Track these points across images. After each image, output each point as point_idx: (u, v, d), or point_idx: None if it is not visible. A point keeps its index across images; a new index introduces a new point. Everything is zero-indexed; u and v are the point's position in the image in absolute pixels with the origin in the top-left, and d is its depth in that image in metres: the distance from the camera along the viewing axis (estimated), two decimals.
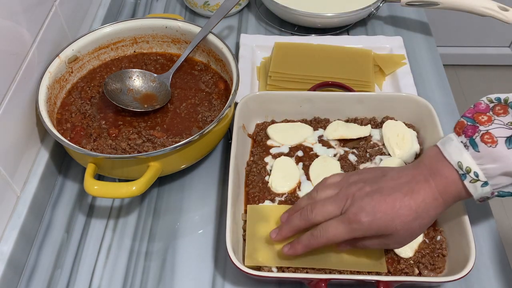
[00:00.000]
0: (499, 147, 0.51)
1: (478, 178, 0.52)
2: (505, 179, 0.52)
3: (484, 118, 0.54)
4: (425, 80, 0.88)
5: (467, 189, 0.53)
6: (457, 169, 0.53)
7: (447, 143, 0.55)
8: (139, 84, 0.77)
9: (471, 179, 0.53)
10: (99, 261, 0.66)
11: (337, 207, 0.56)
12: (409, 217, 0.53)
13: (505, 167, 0.51)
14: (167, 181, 0.74)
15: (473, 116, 0.55)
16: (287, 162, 0.71)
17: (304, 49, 0.89)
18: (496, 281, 0.63)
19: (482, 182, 0.52)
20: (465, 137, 0.54)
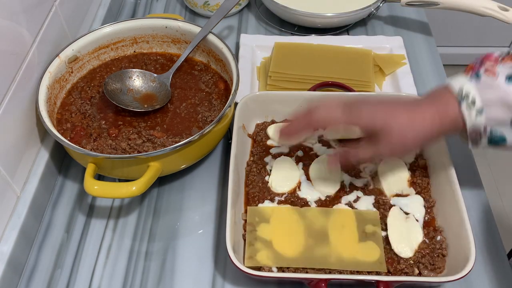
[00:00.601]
0: (500, 79, 0.54)
1: (475, 104, 0.55)
2: (500, 111, 0.54)
3: (491, 63, 0.57)
4: (425, 80, 0.88)
5: (463, 116, 0.56)
6: (457, 95, 0.56)
7: (455, 78, 0.58)
8: (139, 84, 0.77)
9: (467, 104, 0.55)
10: (99, 261, 0.66)
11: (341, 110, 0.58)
12: (404, 123, 0.57)
13: (502, 96, 0.54)
14: (167, 181, 0.74)
15: (482, 60, 0.58)
16: (287, 162, 0.71)
17: (304, 49, 0.89)
18: (496, 281, 0.63)
19: (478, 110, 0.55)
20: (471, 74, 0.57)
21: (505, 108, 0.54)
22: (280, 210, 0.66)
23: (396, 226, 0.64)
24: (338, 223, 0.64)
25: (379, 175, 0.70)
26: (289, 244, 0.62)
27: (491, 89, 0.54)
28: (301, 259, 0.61)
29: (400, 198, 0.67)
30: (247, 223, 0.65)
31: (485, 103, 0.55)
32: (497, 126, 0.56)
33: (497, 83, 0.54)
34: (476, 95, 0.55)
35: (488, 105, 0.55)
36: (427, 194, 0.68)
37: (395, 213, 0.66)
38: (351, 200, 0.67)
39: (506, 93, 0.53)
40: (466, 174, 0.74)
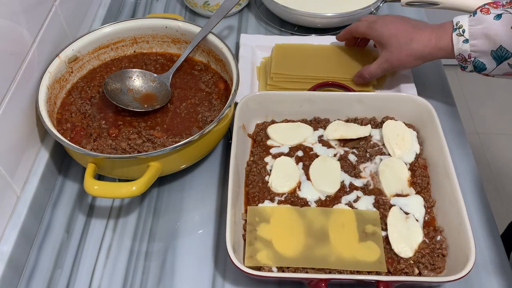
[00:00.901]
0: (489, 16, 0.67)
1: (463, 34, 0.69)
2: (483, 42, 0.68)
3: (494, 5, 0.69)
4: (425, 80, 0.88)
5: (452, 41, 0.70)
6: (454, 25, 0.70)
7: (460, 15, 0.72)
8: (139, 84, 0.77)
9: (458, 33, 0.70)
10: (99, 261, 0.66)
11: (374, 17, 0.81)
12: (404, 39, 0.74)
13: (486, 29, 0.67)
14: (167, 181, 0.74)
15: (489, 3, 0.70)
16: (287, 162, 0.71)
17: (304, 50, 0.89)
18: (496, 281, 0.63)
19: (465, 38, 0.69)
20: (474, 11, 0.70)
21: (487, 40, 0.67)
22: (280, 210, 0.66)
23: (396, 226, 0.64)
24: (338, 223, 0.64)
25: (379, 175, 0.70)
26: (289, 244, 0.62)
27: (480, 23, 0.67)
28: (301, 259, 0.61)
29: (400, 198, 0.67)
30: (247, 223, 0.65)
31: (471, 34, 0.68)
32: (480, 56, 0.69)
33: (486, 18, 0.67)
34: (466, 27, 0.69)
35: (474, 36, 0.68)
36: (427, 194, 0.68)
37: (395, 213, 0.66)
38: (351, 200, 0.67)
39: (490, 28, 0.66)
40: (466, 174, 0.74)
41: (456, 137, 0.79)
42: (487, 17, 0.67)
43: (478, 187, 0.73)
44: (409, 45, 0.73)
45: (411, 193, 0.68)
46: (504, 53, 0.66)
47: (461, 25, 0.69)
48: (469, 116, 2.04)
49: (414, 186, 0.69)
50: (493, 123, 2.01)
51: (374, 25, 0.78)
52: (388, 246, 0.63)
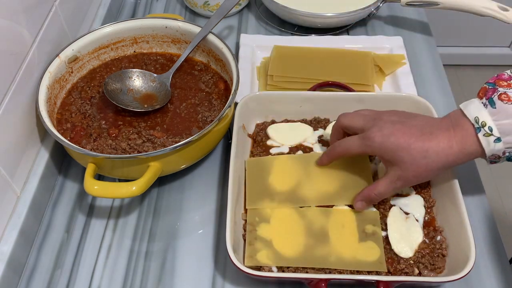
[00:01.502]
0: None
1: (492, 133, 0.55)
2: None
3: (505, 83, 0.57)
4: (425, 80, 0.88)
5: (481, 144, 0.56)
6: (474, 123, 0.57)
7: (469, 104, 0.59)
8: (139, 84, 0.77)
9: (485, 133, 0.56)
10: (99, 261, 0.66)
11: (363, 121, 0.62)
12: (418, 154, 0.57)
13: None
14: (167, 181, 0.74)
15: (495, 82, 0.58)
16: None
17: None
18: (496, 281, 0.63)
19: (495, 138, 0.55)
20: (485, 99, 0.57)
21: None
22: (280, 210, 0.66)
23: (396, 226, 0.64)
24: (338, 223, 0.64)
25: (379, 175, 0.70)
26: (289, 244, 0.63)
27: (507, 118, 0.55)
28: (301, 259, 0.61)
29: (400, 198, 0.67)
30: (247, 223, 0.65)
31: (502, 132, 0.55)
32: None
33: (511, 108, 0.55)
34: (493, 125, 0.56)
35: (505, 133, 0.55)
36: (427, 194, 0.68)
37: (395, 213, 0.66)
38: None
39: None
40: (466, 174, 0.74)
41: None
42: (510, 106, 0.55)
43: (478, 187, 0.73)
44: (426, 159, 0.58)
45: (411, 193, 0.68)
46: None
47: (484, 122, 0.56)
48: None
49: (414, 186, 0.69)
50: None
51: (369, 138, 0.60)
52: (388, 246, 0.63)
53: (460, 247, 0.60)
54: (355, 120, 0.63)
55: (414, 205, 0.66)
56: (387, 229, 0.64)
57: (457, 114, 0.59)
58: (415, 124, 0.60)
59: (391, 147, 0.58)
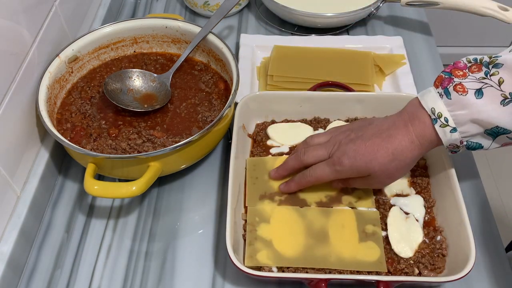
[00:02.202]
0: (469, 96, 0.55)
1: (448, 124, 0.57)
2: (473, 127, 0.56)
3: (460, 73, 0.58)
4: (425, 80, 0.88)
5: (438, 134, 0.58)
6: (430, 114, 0.58)
7: (426, 94, 0.60)
8: (139, 84, 0.77)
9: (441, 124, 0.57)
10: (99, 261, 0.66)
11: (326, 151, 0.64)
12: (385, 159, 0.60)
13: (473, 114, 0.55)
14: (167, 181, 0.74)
15: (451, 71, 0.59)
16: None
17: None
18: (496, 281, 0.63)
19: (451, 128, 0.57)
20: (441, 88, 0.58)
21: (476, 124, 0.56)
22: (280, 210, 0.66)
23: (396, 226, 0.64)
24: (338, 223, 0.64)
25: None
26: (289, 244, 0.63)
27: (462, 108, 0.56)
28: (301, 259, 0.61)
29: (400, 198, 0.67)
30: (247, 223, 0.65)
31: (457, 122, 0.57)
32: (472, 138, 0.58)
33: (467, 100, 0.56)
34: (448, 116, 0.57)
35: (461, 123, 0.57)
36: (427, 194, 0.68)
37: (395, 213, 0.66)
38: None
39: (476, 111, 0.55)
40: (466, 174, 0.74)
41: None
42: (467, 98, 0.55)
43: (478, 187, 0.73)
44: (394, 161, 0.60)
45: (411, 193, 0.68)
46: (501, 130, 0.56)
47: (440, 113, 0.57)
48: None
49: (414, 186, 0.69)
50: None
51: (339, 164, 0.61)
52: (388, 246, 0.63)
53: (460, 247, 0.60)
54: (319, 154, 0.64)
55: (414, 205, 0.66)
56: (387, 229, 0.64)
57: (414, 106, 0.61)
58: (372, 133, 0.61)
59: (361, 164, 0.60)
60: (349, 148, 0.61)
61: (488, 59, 0.58)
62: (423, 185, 0.69)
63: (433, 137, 0.59)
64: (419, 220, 0.65)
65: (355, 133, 0.63)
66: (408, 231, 0.64)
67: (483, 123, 0.56)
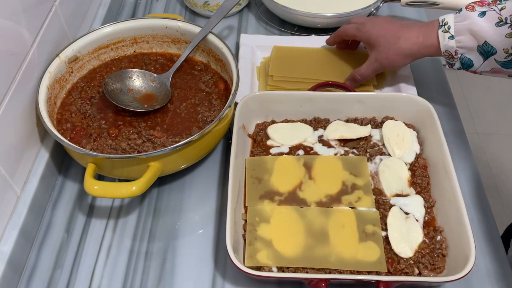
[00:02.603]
0: (474, 13, 0.68)
1: (449, 31, 0.69)
2: (467, 39, 0.68)
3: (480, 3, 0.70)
4: (425, 80, 0.88)
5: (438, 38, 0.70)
6: (440, 22, 0.71)
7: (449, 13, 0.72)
8: (139, 84, 0.77)
9: (443, 30, 0.70)
10: (99, 261, 0.66)
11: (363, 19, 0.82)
12: (392, 38, 0.74)
13: (470, 25, 0.67)
14: (167, 181, 0.74)
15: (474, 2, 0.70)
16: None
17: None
18: (496, 281, 0.63)
19: (450, 35, 0.69)
20: None
21: (472, 36, 0.68)
22: (280, 210, 0.66)
23: (396, 226, 0.64)
24: (338, 223, 0.64)
25: (379, 175, 0.70)
26: (289, 244, 0.63)
27: (464, 20, 0.68)
28: (301, 259, 0.61)
29: (400, 198, 0.67)
30: (247, 223, 0.65)
31: (457, 31, 0.69)
32: (466, 52, 0.69)
33: (471, 15, 0.68)
34: (452, 25, 0.69)
35: (459, 32, 0.69)
36: (427, 194, 0.68)
37: (395, 213, 0.66)
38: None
39: (474, 24, 0.67)
40: (466, 174, 0.74)
41: (456, 137, 0.79)
42: (472, 13, 0.67)
43: (478, 187, 0.73)
44: (397, 44, 0.73)
45: (411, 193, 0.68)
46: (489, 48, 0.67)
47: (447, 22, 0.70)
48: (469, 116, 2.04)
49: (414, 186, 0.69)
50: (493, 123, 2.01)
51: (363, 26, 0.78)
52: (388, 246, 0.63)
53: (460, 247, 0.60)
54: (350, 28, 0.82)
55: (414, 205, 0.66)
56: (387, 229, 0.64)
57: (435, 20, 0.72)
58: (401, 22, 0.76)
59: (374, 33, 0.76)
60: (377, 21, 0.78)
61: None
62: (423, 185, 0.69)
63: (434, 40, 0.71)
64: (419, 220, 0.65)
65: (385, 19, 0.79)
66: (408, 231, 0.64)
67: (476, 35, 0.67)
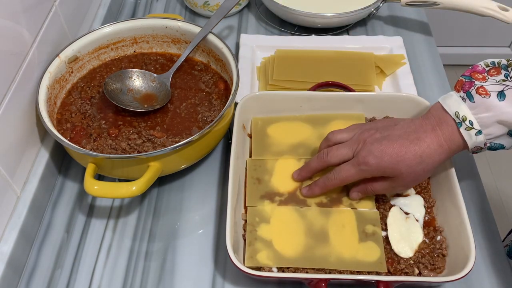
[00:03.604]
0: (492, 98, 0.56)
1: (473, 126, 0.58)
2: (497, 128, 0.57)
3: (480, 76, 0.60)
4: (425, 80, 0.88)
5: (463, 137, 0.59)
6: (454, 118, 0.59)
7: (447, 98, 0.60)
8: (139, 84, 0.77)
9: (466, 127, 0.58)
10: (99, 261, 0.66)
11: (350, 150, 0.63)
12: (413, 161, 0.59)
13: (498, 116, 0.56)
14: (167, 181, 0.74)
15: (471, 75, 0.60)
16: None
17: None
18: (496, 281, 0.63)
19: (476, 131, 0.58)
20: (463, 92, 0.59)
21: (501, 125, 0.57)
22: (280, 210, 0.66)
23: (396, 226, 0.64)
24: (338, 223, 0.64)
25: None
26: (289, 244, 0.63)
27: (486, 111, 0.57)
28: (301, 259, 0.61)
29: (400, 198, 0.67)
30: (247, 223, 0.65)
31: (482, 125, 0.57)
32: (495, 139, 0.59)
33: (490, 103, 0.56)
34: (473, 119, 0.58)
35: (486, 126, 0.57)
36: (427, 194, 0.68)
37: (395, 213, 0.66)
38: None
39: (501, 112, 0.56)
40: (466, 174, 0.74)
41: None
42: (490, 100, 0.57)
43: (478, 187, 0.73)
44: (422, 164, 0.60)
45: (411, 193, 0.68)
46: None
47: (464, 116, 0.58)
48: None
49: (414, 186, 0.69)
50: None
51: (364, 163, 0.61)
52: (388, 246, 0.63)
53: (460, 247, 0.60)
54: (343, 153, 0.63)
55: (414, 205, 0.66)
56: (387, 229, 0.64)
57: (437, 110, 0.61)
58: (399, 134, 0.60)
59: (388, 165, 0.60)
60: (375, 147, 0.60)
61: (506, 61, 0.59)
62: (423, 185, 0.69)
63: (460, 141, 0.59)
64: (419, 220, 0.65)
65: (380, 133, 0.62)
66: (408, 231, 0.64)
67: (508, 123, 0.56)
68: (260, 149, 0.72)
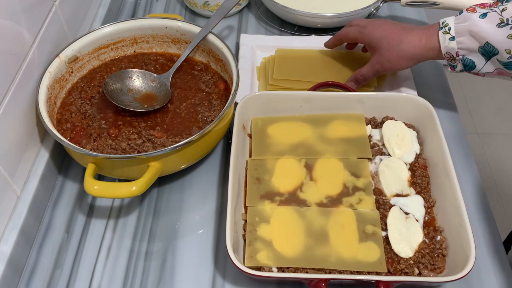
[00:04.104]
0: (475, 15, 0.67)
1: (449, 32, 0.69)
2: (469, 40, 0.68)
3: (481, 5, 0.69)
4: (425, 80, 0.88)
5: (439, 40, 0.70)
6: (440, 24, 0.71)
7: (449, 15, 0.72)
8: (139, 84, 0.77)
9: (444, 31, 0.70)
10: (99, 261, 0.66)
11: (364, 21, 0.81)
12: (394, 41, 0.74)
13: (471, 26, 0.67)
14: (167, 181, 0.74)
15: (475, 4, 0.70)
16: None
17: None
18: (496, 281, 0.63)
19: (451, 36, 0.69)
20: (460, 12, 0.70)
21: (473, 37, 0.67)
22: (280, 210, 0.66)
23: (396, 226, 0.64)
24: (338, 223, 0.64)
25: (379, 175, 0.70)
26: (289, 244, 0.63)
27: (465, 21, 0.68)
28: (301, 259, 0.61)
29: (400, 198, 0.67)
30: (247, 223, 0.65)
31: (457, 32, 0.68)
32: (467, 53, 0.69)
33: (471, 16, 0.67)
34: (452, 26, 0.69)
35: (459, 33, 0.68)
36: (427, 194, 0.68)
37: (395, 213, 0.66)
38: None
39: (475, 25, 0.66)
40: (466, 174, 0.74)
41: (456, 137, 0.79)
42: (473, 15, 0.67)
43: (478, 187, 0.73)
44: (399, 47, 0.73)
45: (411, 193, 0.68)
46: (491, 49, 0.66)
47: (447, 23, 0.69)
48: (469, 116, 2.04)
49: (414, 186, 0.69)
50: (493, 123, 2.01)
51: (364, 29, 0.77)
52: (388, 246, 0.63)
53: (460, 247, 0.60)
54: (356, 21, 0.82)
55: (414, 205, 0.66)
56: (387, 229, 0.64)
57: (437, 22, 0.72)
58: (403, 25, 0.75)
59: (376, 35, 0.76)
60: (379, 23, 0.77)
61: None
62: (423, 185, 0.69)
63: (436, 43, 0.71)
64: (419, 220, 0.65)
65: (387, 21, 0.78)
66: (408, 231, 0.64)
67: (477, 36, 0.66)
68: (260, 149, 0.72)
